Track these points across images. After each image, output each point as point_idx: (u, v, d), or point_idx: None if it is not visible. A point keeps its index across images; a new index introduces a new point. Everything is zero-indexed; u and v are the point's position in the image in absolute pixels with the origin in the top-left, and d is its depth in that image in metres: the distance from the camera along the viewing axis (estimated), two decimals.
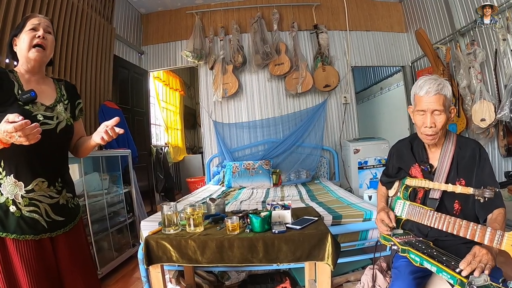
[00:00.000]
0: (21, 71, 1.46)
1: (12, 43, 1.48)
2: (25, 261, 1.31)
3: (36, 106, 1.40)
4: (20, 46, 1.43)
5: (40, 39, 1.43)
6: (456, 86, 4.16)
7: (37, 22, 1.45)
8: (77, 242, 1.53)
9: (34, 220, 1.35)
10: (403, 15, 5.73)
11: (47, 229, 1.38)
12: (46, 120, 1.40)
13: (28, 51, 1.41)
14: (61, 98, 1.55)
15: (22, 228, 1.32)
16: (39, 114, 1.38)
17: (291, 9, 5.49)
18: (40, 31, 1.43)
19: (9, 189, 1.33)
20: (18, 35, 1.45)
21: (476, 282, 1.12)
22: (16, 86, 1.39)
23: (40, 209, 1.37)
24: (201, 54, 5.23)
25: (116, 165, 3.57)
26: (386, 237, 1.64)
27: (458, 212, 1.56)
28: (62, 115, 1.48)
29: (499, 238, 1.15)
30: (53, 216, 1.40)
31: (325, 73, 5.10)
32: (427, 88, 1.55)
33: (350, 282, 2.47)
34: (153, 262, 1.80)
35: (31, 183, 1.35)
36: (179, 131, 7.60)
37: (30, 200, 1.35)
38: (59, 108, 1.49)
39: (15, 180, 1.33)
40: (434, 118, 1.56)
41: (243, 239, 1.73)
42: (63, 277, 1.44)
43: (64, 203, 1.47)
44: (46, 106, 1.44)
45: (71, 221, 1.50)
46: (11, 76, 1.41)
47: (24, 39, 1.41)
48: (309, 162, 5.20)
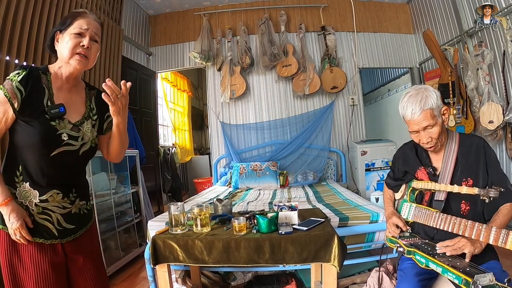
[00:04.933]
0: (56, 72, 1.38)
1: (54, 36, 1.37)
2: (34, 261, 1.30)
3: (63, 123, 1.34)
4: (62, 48, 1.34)
5: (84, 48, 1.34)
6: (464, 87, 4.14)
7: (85, 26, 1.35)
8: (88, 246, 1.51)
9: (46, 227, 1.34)
10: (410, 16, 5.70)
11: (57, 236, 1.36)
12: (70, 140, 1.35)
13: (70, 58, 1.33)
14: (90, 114, 1.47)
15: (33, 231, 1.31)
16: (64, 133, 1.33)
17: (298, 11, 5.49)
18: (86, 40, 1.34)
19: (24, 195, 1.31)
20: (62, 31, 1.35)
21: (481, 282, 1.12)
22: (46, 95, 1.32)
23: (52, 218, 1.35)
24: (208, 55, 5.25)
25: (124, 165, 3.60)
26: (392, 240, 1.65)
27: (466, 213, 1.55)
28: (88, 136, 1.42)
29: (504, 237, 1.15)
30: (64, 224, 1.38)
31: (332, 74, 5.10)
32: (411, 110, 1.54)
33: (356, 284, 2.47)
34: (160, 262, 1.81)
35: (46, 193, 1.33)
36: (186, 132, 7.63)
37: (43, 209, 1.33)
38: (85, 126, 1.43)
39: (30, 188, 1.31)
40: (428, 133, 1.56)
41: (249, 240, 1.73)
42: (74, 281, 1.43)
43: (77, 211, 1.44)
44: (73, 124, 1.37)
45: (82, 227, 1.47)
46: (43, 80, 1.33)
47: (67, 43, 1.32)
48: (316, 164, 5.19)
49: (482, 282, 1.12)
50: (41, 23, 3.02)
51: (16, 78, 1.26)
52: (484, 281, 1.13)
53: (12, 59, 2.68)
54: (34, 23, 2.93)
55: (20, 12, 2.77)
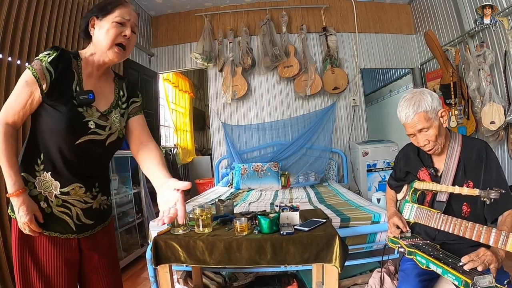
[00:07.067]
0: (87, 58, 1.32)
1: (89, 21, 1.31)
2: (47, 255, 1.25)
3: (90, 110, 1.29)
4: (100, 35, 1.28)
5: (125, 39, 1.30)
6: (465, 88, 4.13)
7: (127, 16, 1.30)
8: (105, 242, 1.46)
9: (64, 221, 1.28)
10: (412, 17, 5.70)
11: (75, 231, 1.31)
12: (97, 129, 1.30)
13: (109, 48, 1.28)
14: (118, 102, 1.43)
15: (49, 225, 1.25)
16: (92, 121, 1.28)
17: (300, 12, 5.50)
18: (127, 30, 1.30)
19: (44, 185, 1.25)
20: (100, 17, 1.28)
21: (481, 283, 1.12)
22: (76, 80, 1.27)
23: (72, 212, 1.29)
24: (210, 56, 5.26)
25: (126, 166, 3.61)
26: (394, 240, 1.65)
27: (467, 215, 1.56)
28: (115, 126, 1.37)
29: (504, 239, 1.15)
30: (83, 219, 1.32)
31: (334, 75, 5.10)
32: (405, 113, 1.58)
33: (357, 285, 2.47)
34: (161, 262, 1.81)
35: (68, 186, 1.27)
36: (188, 132, 7.64)
37: (63, 201, 1.27)
38: (113, 116, 1.38)
39: (52, 178, 1.25)
40: (424, 136, 1.58)
41: (251, 240, 1.74)
42: (88, 277, 1.39)
43: (97, 207, 1.38)
44: (101, 113, 1.33)
45: (100, 223, 1.42)
46: (74, 64, 1.28)
47: (108, 31, 1.27)
48: (318, 165, 5.18)
49: (482, 283, 1.12)
50: (43, 24, 3.03)
51: (46, 59, 1.21)
52: (483, 283, 1.13)
53: (14, 60, 2.69)
54: (36, 23, 2.94)
55: (22, 12, 2.77)
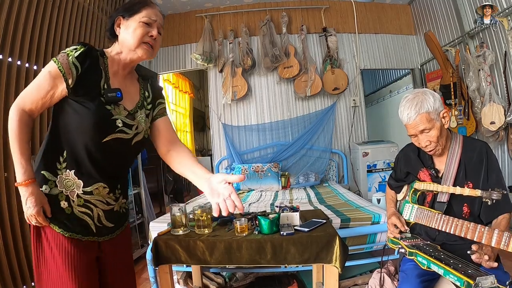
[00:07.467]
0: (112, 57, 1.32)
1: (115, 21, 1.31)
2: (69, 256, 1.20)
3: (118, 108, 1.28)
4: (127, 35, 1.28)
5: (152, 39, 1.31)
6: (465, 88, 4.13)
7: (154, 17, 1.31)
8: (123, 245, 1.44)
9: (84, 222, 1.25)
10: (412, 17, 5.69)
11: (95, 233, 1.28)
12: (124, 127, 1.28)
13: (137, 46, 1.27)
14: (144, 102, 1.42)
15: (68, 226, 1.21)
16: (119, 120, 1.27)
17: (300, 12, 5.50)
18: (154, 31, 1.30)
19: (66, 184, 1.22)
20: (127, 17, 1.29)
21: (483, 284, 1.12)
22: (103, 78, 1.26)
23: (93, 213, 1.26)
24: (210, 57, 5.26)
25: None
26: (394, 241, 1.65)
27: (467, 216, 1.56)
28: (142, 125, 1.37)
29: (506, 240, 1.15)
30: (104, 222, 1.30)
31: (334, 76, 5.10)
32: (406, 114, 1.58)
33: (357, 286, 2.47)
34: (162, 263, 1.81)
35: (92, 185, 1.25)
36: (188, 133, 7.64)
37: (85, 201, 1.24)
38: (139, 115, 1.37)
39: (75, 177, 1.22)
40: (426, 136, 1.57)
41: (251, 241, 1.74)
42: (107, 280, 1.36)
43: (118, 209, 1.37)
44: (128, 111, 1.32)
45: (120, 227, 1.41)
46: (101, 62, 1.28)
47: (135, 31, 1.27)
48: (318, 165, 5.18)
49: (484, 284, 1.12)
50: (43, 25, 3.03)
51: (73, 53, 1.19)
52: (486, 283, 1.12)
53: (14, 61, 2.70)
54: (37, 24, 2.94)
55: (22, 13, 2.77)
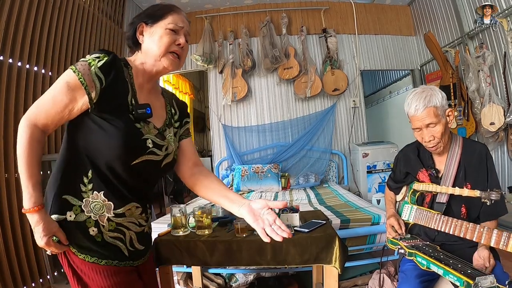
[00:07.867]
0: (137, 67, 1.18)
1: (137, 28, 1.18)
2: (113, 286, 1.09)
3: (148, 127, 1.15)
4: (152, 43, 1.15)
5: (179, 48, 1.18)
6: (465, 89, 4.14)
7: (181, 24, 1.18)
8: (152, 270, 1.37)
9: (117, 247, 1.12)
10: (411, 18, 5.71)
11: (128, 257, 1.15)
12: (154, 148, 1.15)
13: (162, 56, 1.15)
14: (171, 120, 1.30)
15: (101, 253, 1.09)
16: (150, 140, 1.14)
17: (300, 13, 5.51)
18: (181, 38, 1.18)
19: (94, 208, 1.08)
20: (150, 24, 1.16)
21: (483, 284, 1.12)
22: (130, 92, 1.13)
23: (126, 237, 1.14)
24: (210, 58, 5.26)
25: None
26: (394, 241, 1.65)
27: (466, 216, 1.56)
28: (171, 146, 1.24)
29: (506, 240, 1.16)
30: (136, 245, 1.18)
31: (334, 77, 5.11)
32: (414, 106, 1.56)
33: (357, 286, 2.47)
34: (162, 264, 1.81)
35: (124, 206, 1.13)
36: None
37: (117, 225, 1.12)
38: (168, 134, 1.24)
39: (104, 198, 1.09)
40: (431, 131, 1.57)
41: (251, 242, 1.74)
42: None
43: (147, 230, 1.27)
44: (158, 130, 1.19)
45: (148, 249, 1.29)
46: (126, 73, 1.13)
47: (161, 38, 1.14)
48: (318, 166, 5.19)
49: (484, 284, 1.13)
50: (44, 26, 3.04)
51: (96, 63, 1.04)
52: (485, 283, 1.13)
53: (15, 62, 2.71)
54: (37, 25, 2.95)
55: (22, 15, 2.79)
